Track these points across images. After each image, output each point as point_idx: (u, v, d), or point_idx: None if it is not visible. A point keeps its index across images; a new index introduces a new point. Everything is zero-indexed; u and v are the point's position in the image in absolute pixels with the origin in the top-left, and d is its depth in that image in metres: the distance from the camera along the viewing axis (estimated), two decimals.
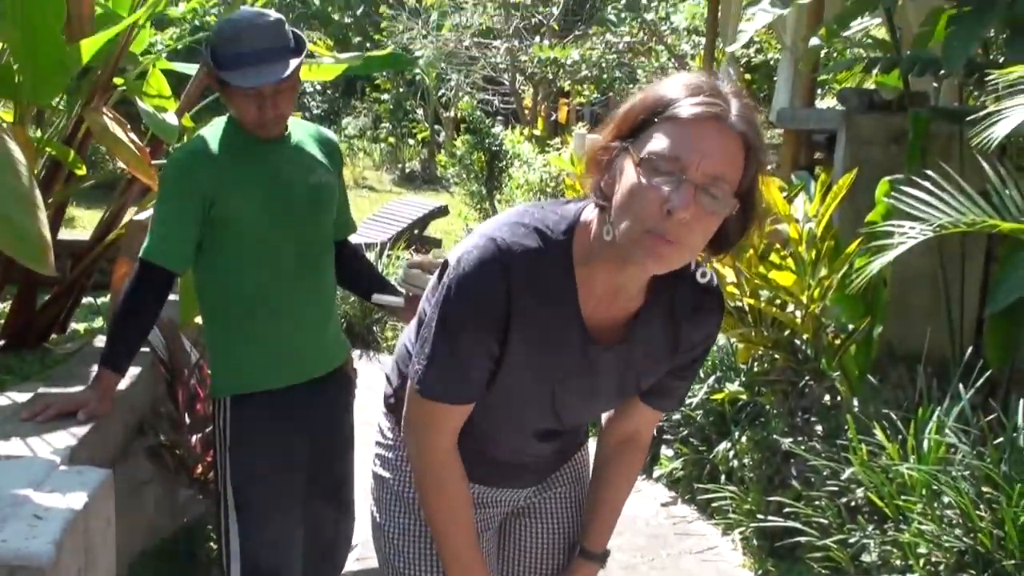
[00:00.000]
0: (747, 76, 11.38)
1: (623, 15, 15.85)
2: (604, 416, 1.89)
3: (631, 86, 15.47)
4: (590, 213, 1.53)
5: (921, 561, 2.82)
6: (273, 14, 2.38)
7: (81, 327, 3.99)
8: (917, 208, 2.96)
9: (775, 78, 7.35)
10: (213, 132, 2.46)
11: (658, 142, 1.36)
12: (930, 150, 4.06)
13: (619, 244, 1.42)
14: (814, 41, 4.30)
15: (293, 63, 2.33)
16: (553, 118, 17.07)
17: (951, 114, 4.19)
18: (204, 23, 11.74)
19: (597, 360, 1.60)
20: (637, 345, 1.62)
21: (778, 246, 3.94)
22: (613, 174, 1.42)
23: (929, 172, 3.07)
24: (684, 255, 1.43)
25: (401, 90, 19.71)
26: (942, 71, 3.68)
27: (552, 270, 1.51)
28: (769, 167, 1.47)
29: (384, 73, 18.43)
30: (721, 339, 4.59)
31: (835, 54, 9.18)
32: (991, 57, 4.23)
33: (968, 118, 3.06)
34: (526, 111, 16.20)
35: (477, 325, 1.52)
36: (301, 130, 2.58)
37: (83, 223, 9.18)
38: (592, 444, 1.97)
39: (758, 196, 1.45)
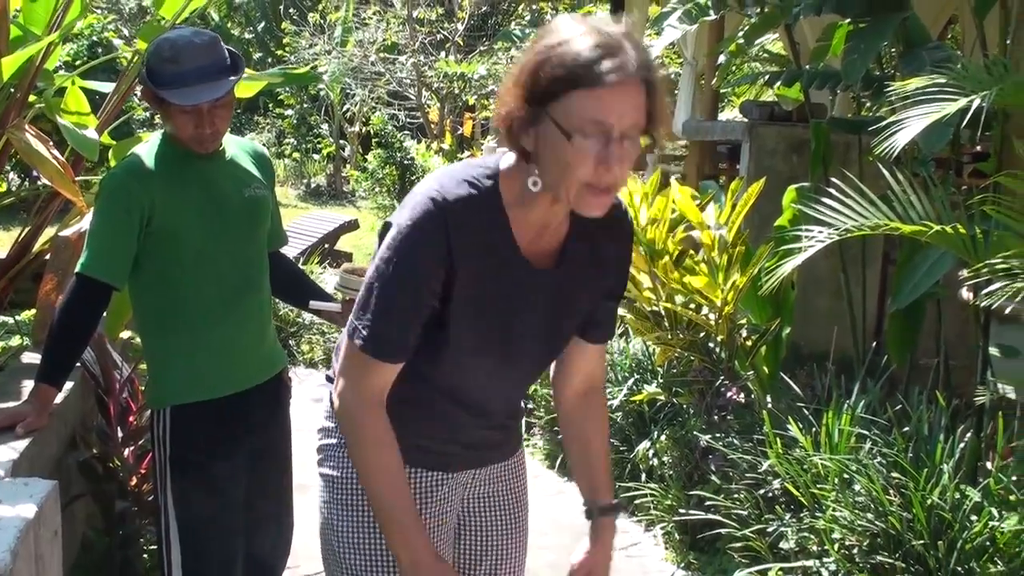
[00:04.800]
0: None
1: (527, 30, 16.06)
2: (554, 386, 2.00)
3: None
4: (508, 161, 1.70)
5: (836, 546, 2.97)
6: (209, 33, 2.43)
7: None
8: (824, 214, 3.12)
9: (676, 91, 7.56)
10: (149, 148, 2.49)
11: (582, 111, 1.53)
12: (830, 159, 4.27)
13: (555, 193, 1.61)
14: (722, 57, 4.48)
15: (231, 81, 2.39)
16: (459, 132, 17.18)
17: (849, 124, 4.42)
18: (102, 39, 11.62)
19: (537, 285, 1.75)
20: (568, 266, 1.77)
21: (692, 252, 4.11)
22: (534, 134, 1.58)
23: (834, 180, 3.24)
24: (616, 193, 1.64)
25: (305, 105, 19.61)
26: (841, 83, 3.88)
27: (486, 210, 1.68)
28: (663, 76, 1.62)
29: (288, 88, 18.31)
30: (638, 343, 4.74)
31: (733, 68, 9.48)
32: (884, 70, 4.46)
33: (870, 128, 3.23)
34: (432, 125, 16.28)
35: (422, 275, 1.64)
36: (234, 145, 2.63)
37: None
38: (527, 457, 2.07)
39: (660, 106, 1.59)
